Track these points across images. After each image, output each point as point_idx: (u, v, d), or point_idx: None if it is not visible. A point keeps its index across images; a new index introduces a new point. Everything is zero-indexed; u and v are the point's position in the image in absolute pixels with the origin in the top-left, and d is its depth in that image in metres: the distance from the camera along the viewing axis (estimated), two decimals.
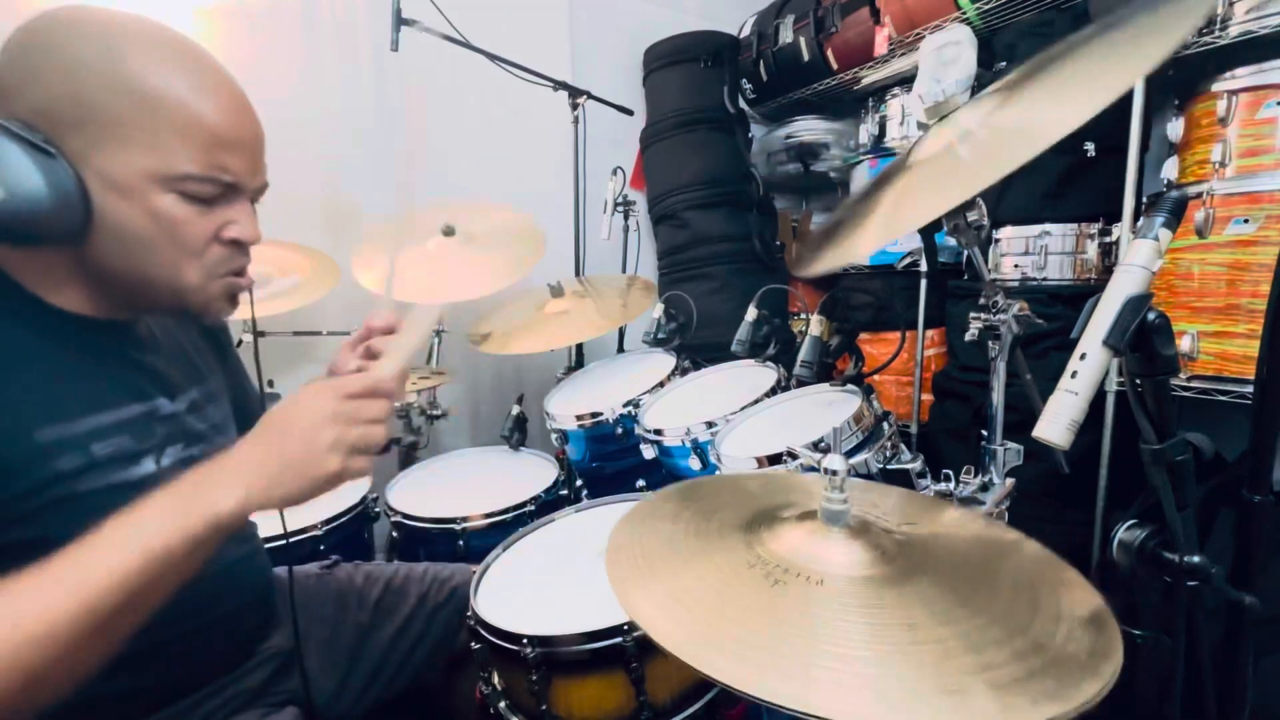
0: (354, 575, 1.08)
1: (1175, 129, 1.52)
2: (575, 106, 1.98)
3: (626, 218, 2.19)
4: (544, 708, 0.88)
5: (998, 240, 1.84)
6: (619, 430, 1.53)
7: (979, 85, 1.84)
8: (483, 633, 0.91)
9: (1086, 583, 0.62)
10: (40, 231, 0.61)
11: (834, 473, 0.66)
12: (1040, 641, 0.52)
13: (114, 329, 0.73)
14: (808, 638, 0.53)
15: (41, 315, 0.67)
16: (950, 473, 1.04)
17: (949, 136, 0.79)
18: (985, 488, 1.01)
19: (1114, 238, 1.68)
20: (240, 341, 1.66)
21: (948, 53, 1.67)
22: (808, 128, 2.64)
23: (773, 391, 1.41)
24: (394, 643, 1.02)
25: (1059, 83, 0.68)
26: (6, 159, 0.58)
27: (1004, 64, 1.81)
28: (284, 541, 0.87)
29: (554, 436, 1.66)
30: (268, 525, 0.94)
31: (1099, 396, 1.45)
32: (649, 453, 1.42)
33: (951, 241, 1.01)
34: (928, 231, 1.10)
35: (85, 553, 0.56)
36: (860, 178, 2.43)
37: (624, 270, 2.25)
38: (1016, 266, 1.79)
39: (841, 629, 0.54)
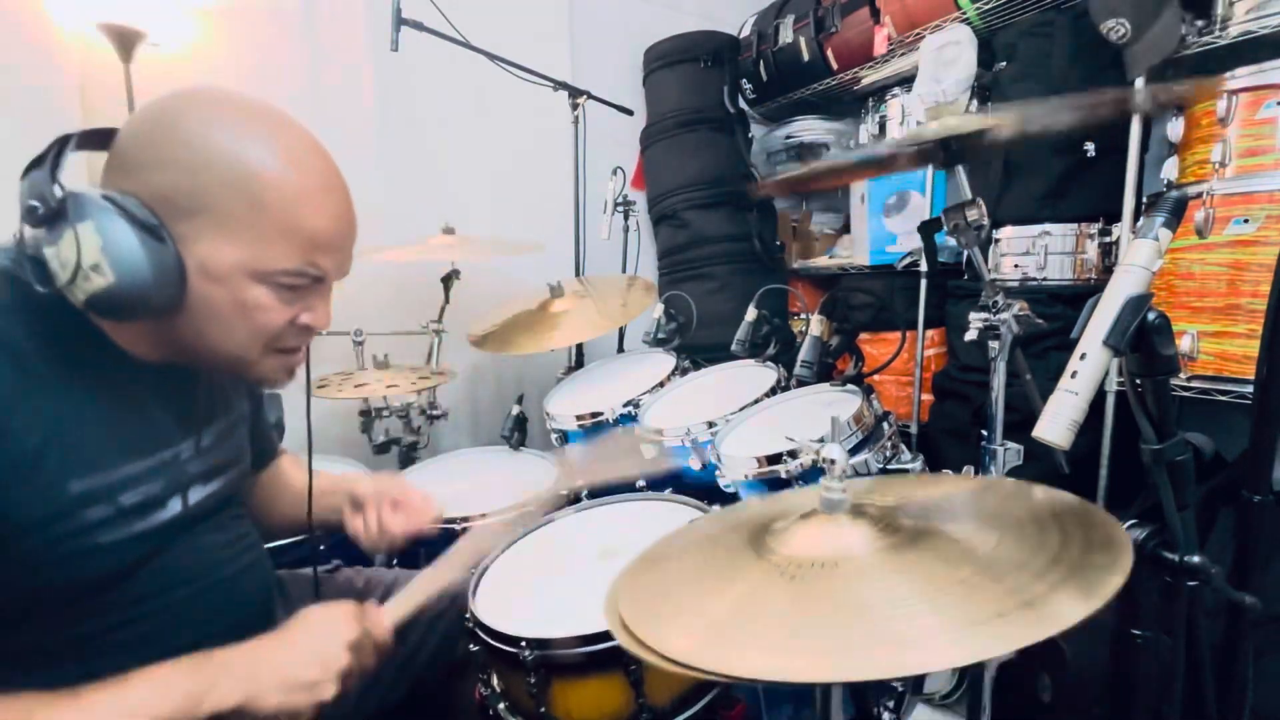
0: (355, 580, 1.08)
1: (1175, 129, 1.52)
2: (575, 106, 1.98)
3: (626, 218, 2.19)
4: (543, 710, 0.88)
5: (998, 240, 1.83)
6: (619, 430, 1.53)
7: (979, 85, 1.84)
8: (481, 635, 0.91)
9: (1083, 500, 0.64)
10: (135, 312, 0.63)
11: (833, 462, 0.67)
12: (1055, 556, 0.54)
13: (165, 370, 0.74)
14: (855, 614, 0.54)
15: (104, 352, 0.68)
16: (950, 473, 1.04)
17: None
18: None
19: (1114, 238, 1.68)
20: None
21: (948, 53, 1.67)
22: (808, 128, 2.64)
23: (773, 391, 1.41)
24: (394, 649, 1.02)
25: None
26: (121, 244, 0.59)
27: (1004, 64, 1.81)
28: (280, 544, 0.87)
29: (554, 436, 1.66)
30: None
31: (1099, 396, 1.45)
32: (649, 453, 1.42)
33: (951, 241, 1.01)
34: (928, 231, 1.10)
35: (101, 699, 0.59)
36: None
37: (624, 270, 2.25)
38: (1016, 266, 1.79)
39: (878, 596, 0.55)
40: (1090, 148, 1.67)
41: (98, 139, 0.66)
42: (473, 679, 1.00)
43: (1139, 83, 1.49)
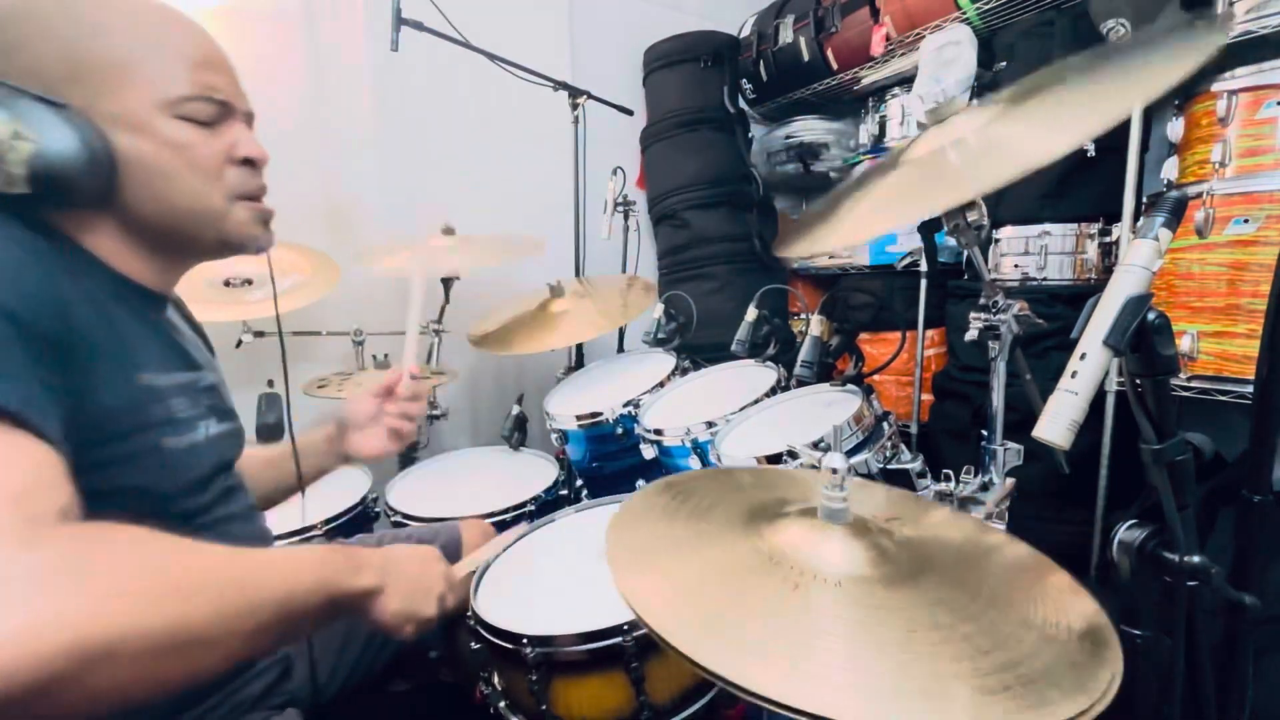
0: None
1: (1175, 129, 1.52)
2: (575, 106, 1.98)
3: (626, 218, 2.19)
4: (544, 708, 0.88)
5: (998, 240, 1.84)
6: (619, 430, 1.53)
7: (979, 85, 1.84)
8: (482, 633, 0.91)
9: (1085, 592, 0.62)
10: (80, 184, 0.63)
11: (835, 471, 0.66)
12: (1027, 655, 0.52)
13: (161, 300, 0.77)
14: (801, 631, 0.54)
15: (113, 280, 0.70)
16: (950, 473, 1.04)
17: (944, 139, 0.80)
18: (985, 488, 1.01)
19: (1114, 238, 1.68)
20: (240, 342, 1.67)
21: (948, 53, 1.66)
22: (808, 128, 2.64)
23: (773, 391, 1.41)
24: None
25: (1056, 104, 0.70)
26: (26, 114, 0.60)
27: (1004, 64, 1.81)
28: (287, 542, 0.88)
29: (554, 436, 1.66)
30: (278, 524, 0.94)
31: (1099, 396, 1.45)
32: (649, 453, 1.42)
33: (951, 241, 1.01)
34: (928, 231, 1.10)
35: (264, 556, 0.63)
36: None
37: (624, 270, 2.25)
38: (1016, 266, 1.79)
39: (835, 625, 0.54)
40: (1090, 147, 1.67)
41: None
42: (473, 675, 0.99)
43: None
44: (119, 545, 0.51)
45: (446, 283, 1.92)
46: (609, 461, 1.61)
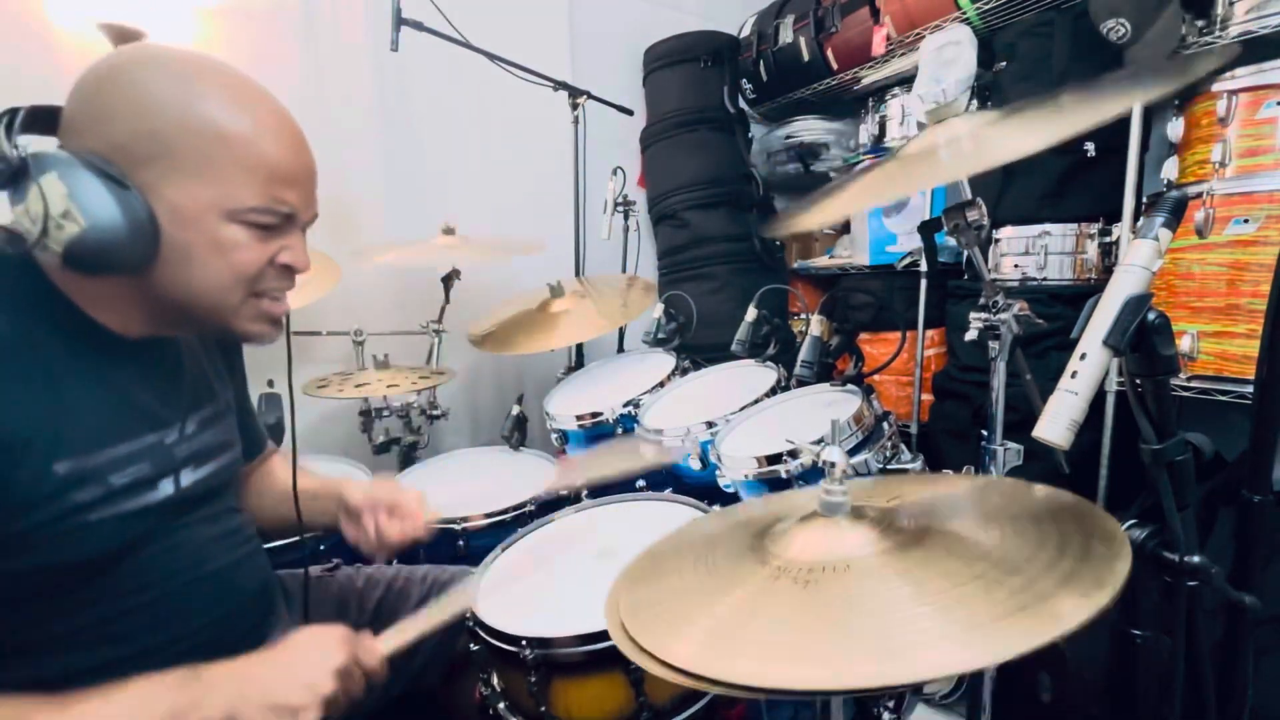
0: (354, 578, 1.08)
1: (1175, 129, 1.52)
2: (575, 106, 1.98)
3: (626, 218, 2.18)
4: (543, 709, 0.88)
5: (998, 240, 1.83)
6: (619, 430, 1.53)
7: (979, 85, 1.84)
8: (482, 634, 0.91)
9: (1078, 497, 0.64)
10: (114, 262, 0.64)
11: (833, 464, 0.67)
12: (1061, 551, 0.55)
13: (147, 349, 0.75)
14: (857, 619, 0.54)
15: (85, 334, 0.69)
16: (950, 472, 1.04)
17: (939, 137, 0.80)
18: None
19: (1114, 238, 1.67)
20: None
21: (948, 53, 1.66)
22: (808, 128, 2.64)
23: (773, 391, 1.41)
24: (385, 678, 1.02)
25: (1049, 112, 0.72)
26: (88, 192, 0.61)
27: (1004, 64, 1.81)
28: (278, 545, 0.87)
29: (554, 436, 1.66)
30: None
31: (1099, 396, 1.45)
32: (649, 453, 1.42)
33: (951, 241, 1.01)
34: (928, 231, 1.10)
35: (87, 709, 0.60)
36: None
37: (624, 270, 2.25)
38: (1016, 266, 1.79)
39: (880, 600, 0.55)
40: (1090, 147, 1.67)
41: (44, 117, 0.66)
42: (472, 676, 0.99)
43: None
44: None
45: (446, 282, 1.92)
46: None
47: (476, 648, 0.93)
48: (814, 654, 0.52)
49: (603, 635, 0.84)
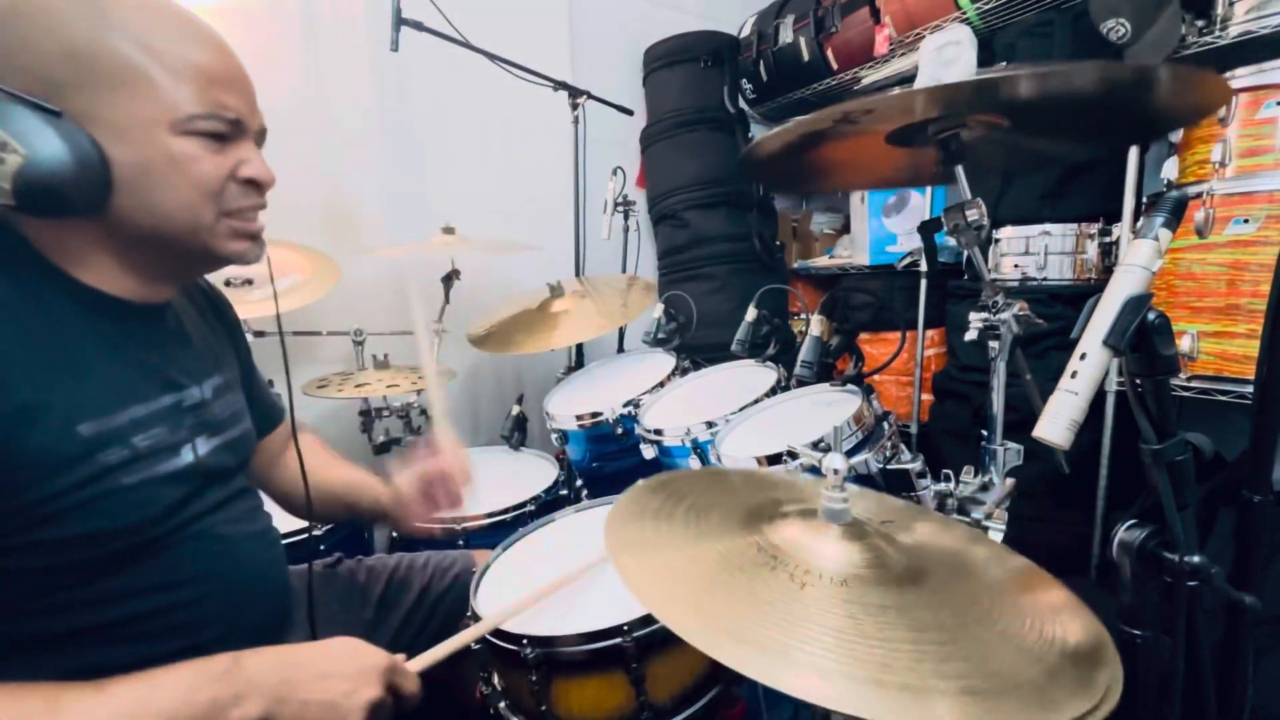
0: (357, 571, 1.08)
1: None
2: (575, 106, 1.98)
3: (626, 218, 2.19)
4: (544, 708, 0.88)
5: (998, 240, 1.84)
6: (619, 430, 1.53)
7: None
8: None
9: (1084, 607, 0.61)
10: (68, 197, 0.61)
11: (835, 472, 0.67)
12: (1006, 668, 0.52)
13: (146, 314, 0.74)
14: (794, 621, 0.54)
15: (79, 297, 0.67)
16: (950, 473, 1.04)
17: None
18: (985, 488, 1.01)
19: (1114, 238, 1.68)
20: None
21: (948, 53, 1.66)
22: None
23: (773, 391, 1.41)
24: (398, 636, 1.02)
25: None
26: (16, 122, 0.58)
27: (1004, 64, 1.81)
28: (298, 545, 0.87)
29: (554, 436, 1.66)
30: (282, 527, 0.94)
31: (1099, 396, 1.45)
32: (649, 453, 1.42)
33: (951, 241, 1.01)
34: (928, 231, 1.10)
35: (129, 699, 0.60)
36: None
37: (624, 270, 2.25)
38: (1016, 266, 1.79)
39: (827, 619, 0.55)
40: None
41: None
42: (473, 665, 0.99)
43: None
44: None
45: (446, 282, 1.93)
46: (609, 461, 1.61)
47: (477, 646, 0.93)
48: (749, 629, 0.53)
49: (604, 634, 0.84)
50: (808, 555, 0.63)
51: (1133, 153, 1.57)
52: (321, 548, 1.30)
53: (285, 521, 1.04)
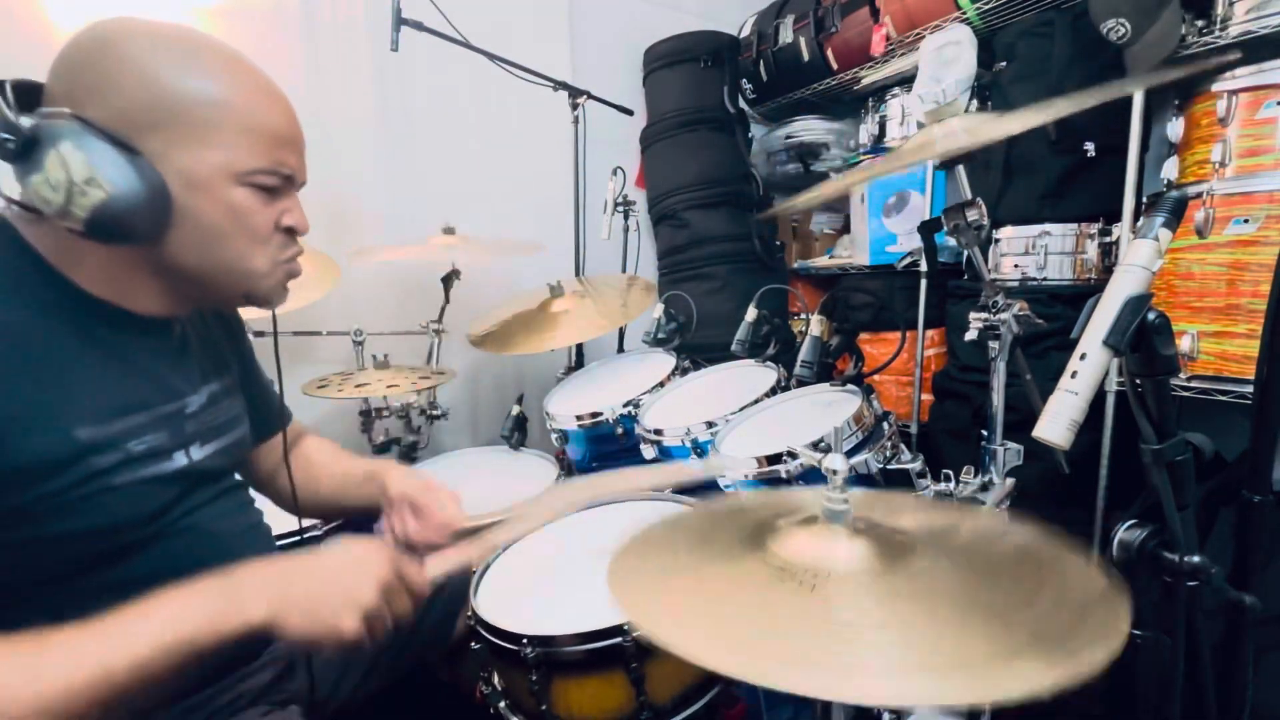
0: None
1: (1175, 129, 1.52)
2: (575, 106, 1.98)
3: (626, 218, 2.18)
4: (544, 708, 0.88)
5: (998, 240, 1.84)
6: (619, 430, 1.53)
7: (979, 85, 1.84)
8: (483, 633, 0.91)
9: (1087, 564, 0.62)
10: (134, 229, 0.64)
11: (835, 472, 0.67)
12: (1047, 614, 0.53)
13: (151, 325, 0.75)
14: (829, 630, 0.53)
15: (86, 310, 0.69)
16: (950, 473, 1.04)
17: (938, 132, 0.81)
18: (985, 488, 1.02)
19: (1114, 238, 1.68)
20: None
21: (948, 53, 1.66)
22: (808, 128, 2.64)
23: (773, 391, 1.41)
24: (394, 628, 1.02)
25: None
26: (105, 159, 0.62)
27: (1004, 64, 1.81)
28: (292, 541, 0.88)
29: (554, 436, 1.66)
30: (276, 524, 0.94)
31: (1099, 396, 1.45)
32: (649, 453, 1.42)
33: (951, 241, 1.01)
34: (928, 231, 1.10)
35: (120, 627, 0.60)
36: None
37: (624, 270, 2.25)
38: (1016, 266, 1.79)
39: (857, 617, 0.54)
40: (1090, 147, 1.67)
41: (24, 94, 0.65)
42: (468, 657, 0.99)
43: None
44: None
45: (446, 282, 1.93)
46: (609, 461, 1.61)
47: (477, 646, 0.93)
48: (773, 647, 0.52)
49: (604, 634, 0.84)
50: (824, 563, 0.62)
51: (1133, 153, 1.57)
52: (320, 545, 1.30)
53: (288, 522, 1.05)
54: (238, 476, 0.90)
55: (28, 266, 0.66)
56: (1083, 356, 0.60)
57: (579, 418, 1.58)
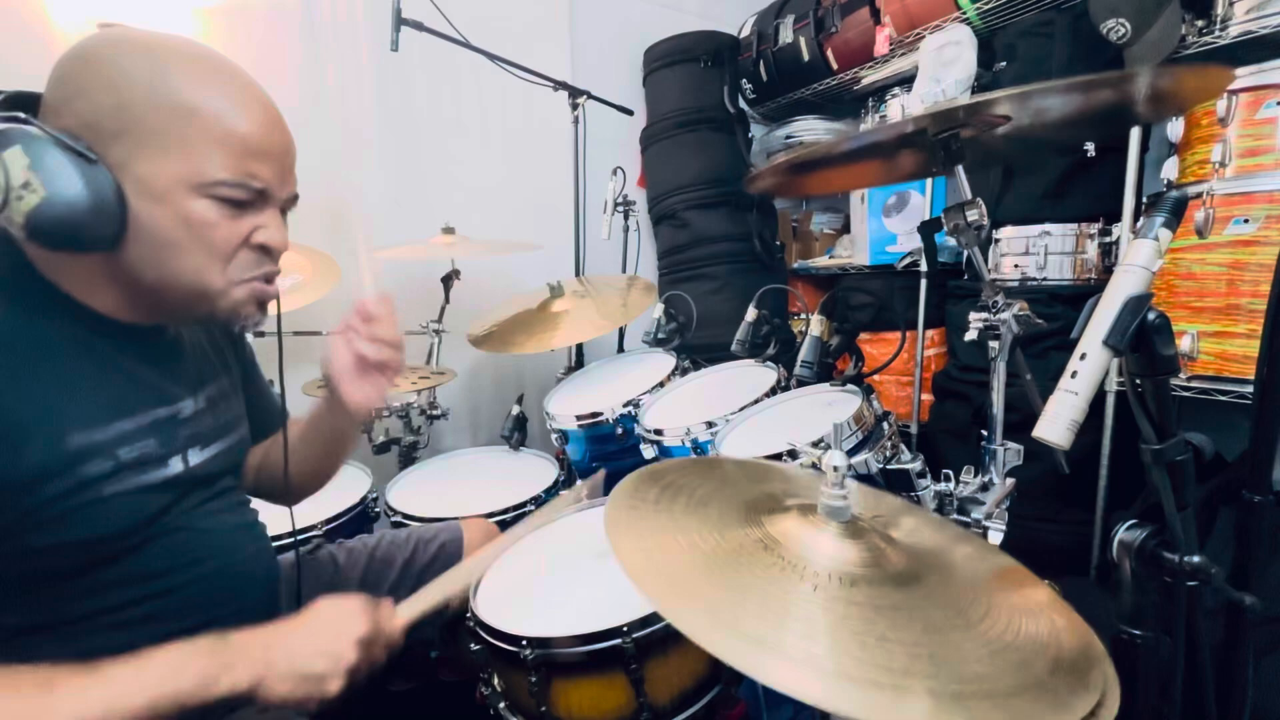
0: (336, 555, 1.09)
1: (1175, 129, 1.52)
2: (575, 106, 1.98)
3: (626, 218, 2.18)
4: (544, 709, 0.88)
5: (998, 240, 1.84)
6: (619, 430, 1.53)
7: (979, 85, 1.84)
8: (482, 634, 0.91)
9: (1079, 619, 0.62)
10: (78, 235, 0.63)
11: (835, 469, 0.67)
12: (992, 675, 0.51)
13: (142, 332, 0.75)
14: (782, 614, 0.55)
15: (77, 317, 0.69)
16: (950, 473, 1.04)
17: None
18: (985, 488, 1.01)
19: (1114, 238, 1.68)
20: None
21: (948, 53, 1.66)
22: (808, 127, 2.64)
23: (773, 391, 1.41)
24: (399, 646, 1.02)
25: None
26: (48, 163, 0.61)
27: (1004, 64, 1.81)
28: (286, 541, 0.88)
29: (554, 436, 1.65)
30: (272, 525, 0.94)
31: (1099, 396, 1.45)
32: (649, 453, 1.42)
33: (951, 241, 1.01)
34: (928, 231, 1.10)
35: (121, 676, 0.62)
36: None
37: (624, 270, 2.25)
38: (1016, 266, 1.79)
39: (812, 611, 0.56)
40: (1090, 148, 1.67)
41: (25, 103, 0.66)
42: (457, 641, 0.99)
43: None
44: None
45: (446, 282, 1.92)
46: (609, 461, 1.61)
47: (477, 647, 0.93)
48: (748, 623, 0.53)
49: (603, 635, 0.84)
50: (804, 549, 0.64)
51: (1133, 153, 1.57)
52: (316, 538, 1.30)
53: (287, 519, 1.05)
54: (235, 480, 0.90)
55: (17, 272, 0.67)
56: (1083, 356, 0.60)
57: (579, 418, 1.58)
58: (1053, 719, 0.48)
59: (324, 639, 0.72)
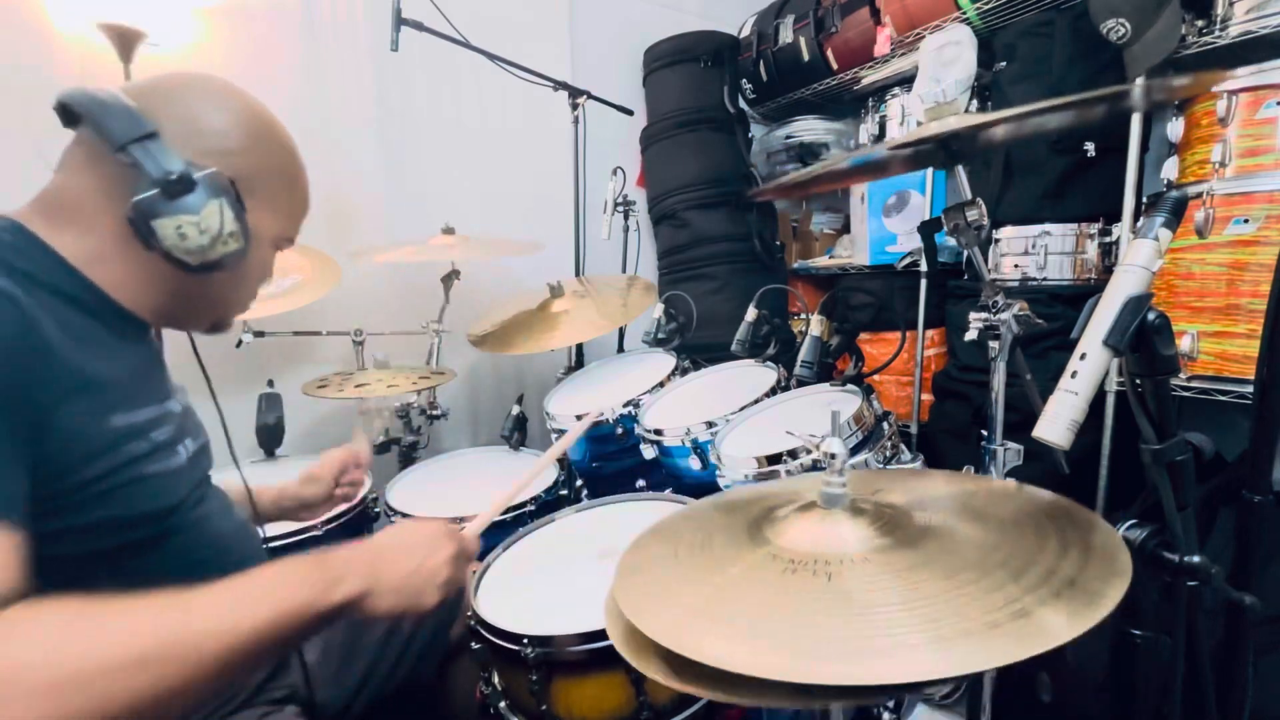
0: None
1: (1175, 129, 1.52)
2: (575, 106, 1.98)
3: (626, 218, 2.18)
4: (544, 708, 0.88)
5: (998, 240, 1.83)
6: (619, 430, 1.53)
7: (979, 85, 1.84)
8: (483, 633, 0.91)
9: (1080, 507, 0.64)
10: (220, 267, 0.73)
11: (833, 456, 0.67)
12: (1054, 566, 0.54)
13: (146, 330, 0.79)
14: (851, 615, 0.53)
15: (106, 307, 0.72)
16: (951, 470, 1.04)
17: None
18: None
19: (1114, 238, 1.68)
20: (240, 342, 1.67)
21: (948, 53, 1.66)
22: (808, 128, 2.64)
23: (773, 391, 1.41)
24: (388, 637, 1.02)
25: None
26: (239, 216, 0.72)
27: (1003, 64, 1.81)
28: (286, 541, 0.88)
29: (554, 436, 1.65)
30: (271, 525, 0.94)
31: (1099, 396, 1.45)
32: (649, 453, 1.42)
33: (951, 241, 1.01)
34: (928, 231, 1.10)
35: (241, 585, 0.62)
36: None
37: (624, 270, 2.25)
38: (1016, 266, 1.79)
39: (870, 597, 0.55)
40: (1090, 148, 1.67)
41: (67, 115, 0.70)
42: (468, 674, 1.00)
43: (1138, 80, 1.49)
44: (75, 623, 0.53)
45: (446, 282, 1.93)
46: (609, 461, 1.61)
47: (477, 646, 0.93)
48: (795, 645, 0.51)
49: (603, 634, 0.84)
50: (825, 548, 0.63)
51: (1133, 153, 1.57)
52: (321, 548, 1.30)
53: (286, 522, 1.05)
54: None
55: (54, 265, 0.68)
56: (1083, 356, 0.60)
57: (579, 418, 1.57)
58: (1120, 581, 0.50)
59: (419, 555, 0.75)
